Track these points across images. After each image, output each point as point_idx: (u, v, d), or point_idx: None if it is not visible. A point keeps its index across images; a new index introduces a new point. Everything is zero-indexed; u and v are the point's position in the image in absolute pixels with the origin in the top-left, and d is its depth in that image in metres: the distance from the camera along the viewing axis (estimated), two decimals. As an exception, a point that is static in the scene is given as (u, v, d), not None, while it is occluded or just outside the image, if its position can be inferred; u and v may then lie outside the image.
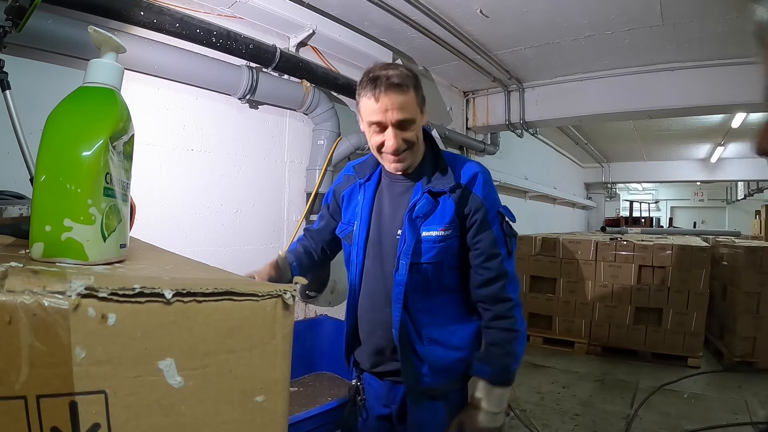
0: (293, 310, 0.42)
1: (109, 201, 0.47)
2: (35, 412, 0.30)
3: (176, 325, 0.36)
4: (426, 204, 1.10)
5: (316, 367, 2.35)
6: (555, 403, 3.10)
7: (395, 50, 2.92)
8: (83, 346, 0.32)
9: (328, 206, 1.34)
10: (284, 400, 0.42)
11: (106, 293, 0.32)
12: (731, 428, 2.74)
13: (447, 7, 2.43)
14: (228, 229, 2.16)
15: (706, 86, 3.10)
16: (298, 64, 2.20)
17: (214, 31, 1.82)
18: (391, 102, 1.02)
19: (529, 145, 5.74)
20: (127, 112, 0.50)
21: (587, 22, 2.59)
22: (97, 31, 0.49)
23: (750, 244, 4.32)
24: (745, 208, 12.27)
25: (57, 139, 0.44)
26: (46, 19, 1.42)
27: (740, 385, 3.47)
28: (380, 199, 1.19)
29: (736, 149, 7.42)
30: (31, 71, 1.51)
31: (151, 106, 1.86)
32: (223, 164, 2.13)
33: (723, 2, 2.30)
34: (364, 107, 1.06)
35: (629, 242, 4.41)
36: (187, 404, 0.36)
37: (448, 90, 3.80)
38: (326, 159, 2.37)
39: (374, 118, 1.04)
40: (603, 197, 11.12)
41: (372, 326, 1.18)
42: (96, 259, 0.45)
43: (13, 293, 0.30)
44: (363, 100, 1.05)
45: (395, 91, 1.01)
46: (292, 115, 2.42)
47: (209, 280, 0.40)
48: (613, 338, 4.27)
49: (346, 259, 1.27)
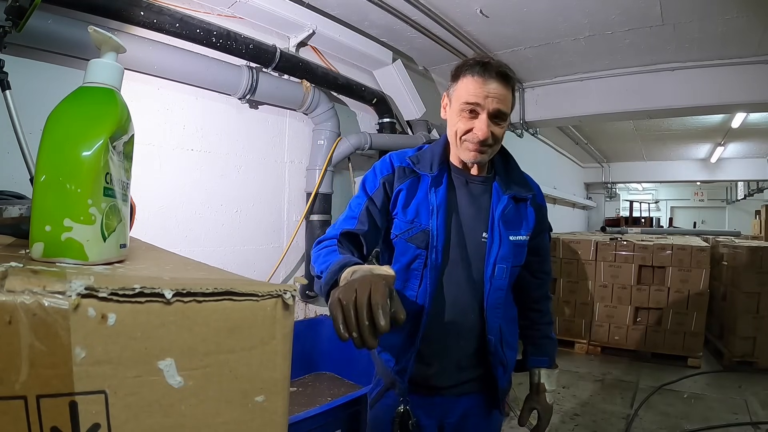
0: (293, 310, 0.42)
1: (109, 201, 0.47)
2: (35, 412, 0.30)
3: (176, 325, 0.36)
4: (513, 209, 1.10)
5: (316, 367, 2.36)
6: (555, 403, 3.08)
7: (395, 50, 2.92)
8: (83, 346, 0.32)
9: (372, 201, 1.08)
10: (284, 400, 0.42)
11: (106, 293, 0.32)
12: (731, 428, 2.74)
13: (447, 7, 2.43)
14: (228, 229, 2.16)
15: (707, 86, 3.10)
16: (298, 64, 2.20)
17: (214, 31, 1.82)
18: (496, 90, 0.99)
19: (529, 145, 5.74)
20: (127, 112, 0.50)
21: (587, 22, 2.59)
22: (97, 31, 0.49)
23: (750, 244, 4.32)
24: (745, 208, 12.27)
25: (57, 139, 0.44)
26: (46, 19, 1.42)
27: (740, 385, 3.47)
28: (454, 198, 1.10)
29: (736, 149, 7.42)
30: (31, 71, 1.51)
31: (151, 106, 1.86)
32: (223, 164, 2.13)
33: (723, 2, 2.30)
34: (464, 87, 1.01)
35: (629, 242, 4.41)
36: (187, 404, 0.36)
37: (448, 90, 3.80)
38: (326, 159, 2.37)
39: (473, 99, 0.99)
40: (603, 197, 11.13)
41: (456, 337, 1.09)
42: (96, 259, 0.45)
43: (13, 293, 0.30)
44: (464, 79, 1.01)
45: (502, 82, 0.99)
46: (292, 115, 2.42)
47: (209, 280, 0.40)
48: (613, 338, 4.27)
49: (405, 263, 1.09)
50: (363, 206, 1.07)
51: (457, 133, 1.04)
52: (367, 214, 1.06)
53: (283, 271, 2.41)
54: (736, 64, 2.97)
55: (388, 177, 1.09)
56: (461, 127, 1.02)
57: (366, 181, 1.12)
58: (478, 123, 1.01)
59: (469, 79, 1.00)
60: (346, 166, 2.60)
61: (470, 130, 1.02)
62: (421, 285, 1.07)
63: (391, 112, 2.79)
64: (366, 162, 2.88)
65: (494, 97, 0.99)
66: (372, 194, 1.08)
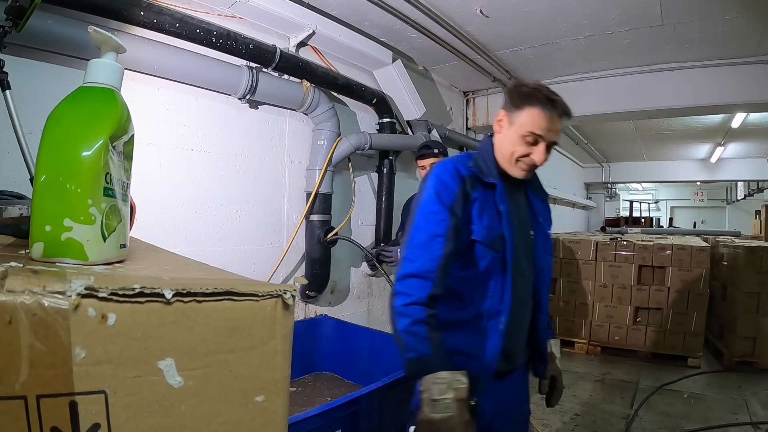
0: (293, 310, 0.42)
1: (109, 201, 0.47)
2: (35, 412, 0.30)
3: (176, 325, 0.36)
4: (543, 207, 1.32)
5: (316, 367, 2.35)
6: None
7: (395, 50, 2.92)
8: (83, 346, 0.32)
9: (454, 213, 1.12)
10: (284, 400, 0.42)
11: (106, 293, 0.32)
12: (731, 428, 2.74)
13: (447, 7, 2.43)
14: (228, 229, 2.16)
15: (707, 86, 3.10)
16: (298, 64, 2.20)
17: (214, 31, 1.82)
18: (557, 126, 1.14)
19: (529, 145, 5.74)
20: (127, 112, 0.50)
21: (587, 22, 2.59)
22: (97, 31, 0.49)
23: (750, 244, 4.32)
24: (745, 208, 12.26)
25: (57, 139, 0.44)
26: (46, 19, 1.42)
27: (740, 385, 3.47)
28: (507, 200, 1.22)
29: (736, 149, 7.42)
30: (31, 71, 1.51)
31: (151, 106, 1.86)
32: (223, 164, 2.13)
33: (723, 2, 2.30)
34: (531, 118, 1.12)
35: (629, 242, 4.41)
36: (187, 404, 0.36)
37: (448, 90, 3.81)
38: (326, 159, 2.37)
39: (538, 131, 1.12)
40: (603, 197, 11.12)
41: (522, 327, 1.24)
42: (96, 259, 0.45)
43: (13, 293, 0.30)
44: (532, 110, 1.12)
45: (562, 119, 1.14)
46: (292, 115, 2.42)
47: (209, 280, 0.40)
48: (613, 338, 4.27)
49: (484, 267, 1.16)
50: (448, 221, 1.11)
51: (513, 154, 1.16)
52: (454, 230, 1.12)
53: (283, 271, 2.41)
54: (736, 64, 2.97)
55: (461, 186, 1.15)
56: (520, 150, 1.15)
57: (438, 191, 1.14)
58: (537, 150, 1.14)
59: (538, 112, 1.11)
60: (346, 166, 2.60)
61: (528, 155, 1.15)
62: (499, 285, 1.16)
63: (391, 112, 2.78)
64: (366, 162, 2.88)
65: (555, 131, 1.14)
66: (451, 205, 1.13)
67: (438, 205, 1.12)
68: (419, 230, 1.13)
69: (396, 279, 1.11)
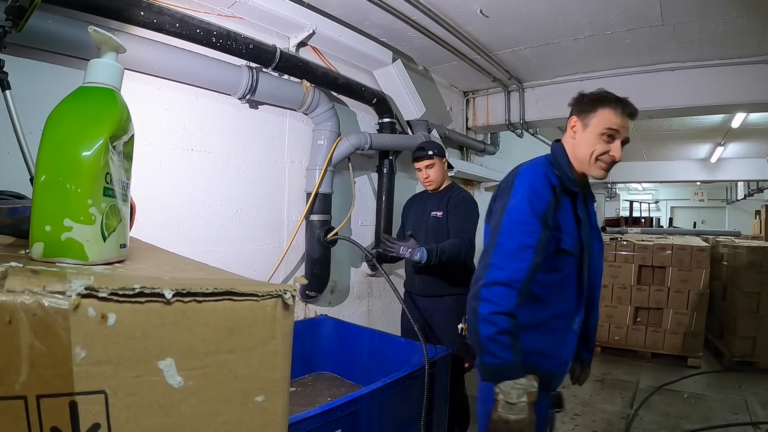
0: (293, 310, 0.42)
1: (109, 201, 0.47)
2: (35, 412, 0.30)
3: (176, 325, 0.36)
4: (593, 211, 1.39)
5: (316, 367, 2.35)
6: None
7: (395, 50, 2.92)
8: (83, 346, 0.32)
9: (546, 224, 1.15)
10: (284, 400, 0.42)
11: (106, 293, 0.32)
12: (731, 428, 2.74)
13: (447, 7, 2.43)
14: (228, 229, 2.16)
15: (707, 86, 3.10)
16: (298, 64, 2.20)
17: (214, 31, 1.82)
18: (627, 124, 1.23)
19: (529, 145, 5.74)
20: (127, 112, 0.50)
21: (587, 22, 2.59)
22: (97, 31, 0.49)
23: (750, 244, 4.32)
24: (745, 208, 12.25)
25: (57, 139, 0.44)
26: (46, 19, 1.42)
27: (740, 385, 3.47)
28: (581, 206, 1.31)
29: (736, 149, 7.41)
30: (31, 71, 1.51)
31: (151, 106, 1.86)
32: (223, 164, 2.13)
33: (723, 2, 2.30)
34: (606, 117, 1.22)
35: (629, 242, 4.41)
36: (187, 404, 0.36)
37: (448, 90, 3.81)
38: (326, 159, 2.37)
39: (614, 126, 1.21)
40: (603, 197, 11.12)
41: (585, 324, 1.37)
42: (96, 259, 0.45)
43: (13, 293, 0.30)
44: (605, 110, 1.22)
45: (631, 118, 1.24)
46: (292, 115, 2.42)
47: (209, 280, 0.40)
48: (613, 338, 4.27)
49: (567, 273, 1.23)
50: (540, 233, 1.14)
51: (593, 153, 1.23)
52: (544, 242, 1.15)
53: (283, 271, 2.41)
54: (736, 64, 2.96)
55: (553, 195, 1.19)
56: (600, 149, 1.22)
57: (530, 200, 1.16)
58: (614, 147, 1.22)
59: (611, 111, 1.22)
60: (346, 166, 2.60)
61: (607, 152, 1.22)
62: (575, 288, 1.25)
63: (391, 112, 2.78)
64: (366, 162, 2.88)
65: (626, 129, 1.23)
66: (543, 216, 1.15)
67: (530, 215, 1.14)
68: (509, 238, 1.13)
69: (482, 284, 1.12)
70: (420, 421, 1.69)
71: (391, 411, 1.63)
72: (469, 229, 2.15)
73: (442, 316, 2.23)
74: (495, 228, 1.17)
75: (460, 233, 2.13)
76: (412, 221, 2.40)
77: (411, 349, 2.00)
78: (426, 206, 2.33)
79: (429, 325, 2.27)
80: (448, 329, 2.19)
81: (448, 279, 2.21)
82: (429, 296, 2.28)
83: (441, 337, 2.18)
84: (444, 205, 2.25)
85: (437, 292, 2.24)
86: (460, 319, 2.20)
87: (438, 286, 2.23)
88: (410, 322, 1.91)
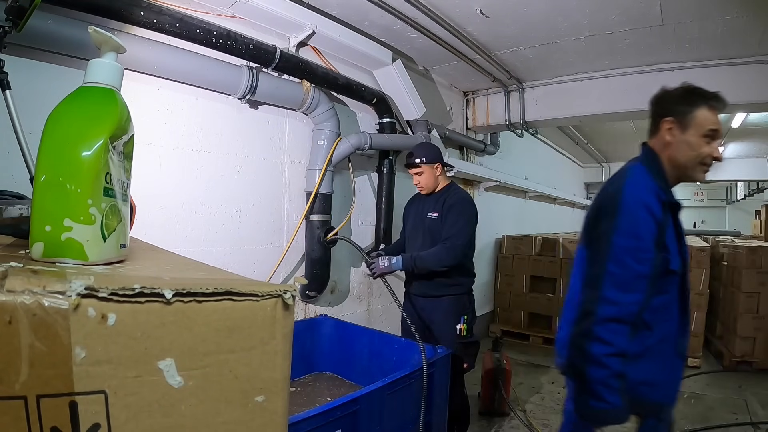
0: (293, 310, 0.42)
1: (109, 201, 0.47)
2: (35, 412, 0.30)
3: (176, 325, 0.36)
4: None
5: (316, 367, 2.35)
6: (555, 403, 3.09)
7: (395, 50, 2.92)
8: (83, 346, 0.32)
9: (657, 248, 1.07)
10: (284, 400, 0.42)
11: (106, 293, 0.32)
12: (731, 428, 2.74)
13: (447, 7, 2.43)
14: (228, 229, 2.16)
15: (707, 86, 3.07)
16: (298, 64, 2.20)
17: (214, 31, 1.82)
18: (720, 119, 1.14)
19: (529, 145, 5.74)
20: (127, 112, 0.50)
21: (587, 22, 2.59)
22: (97, 31, 0.49)
23: (750, 244, 4.32)
24: (745, 208, 12.26)
25: (57, 139, 0.44)
26: (46, 19, 1.42)
27: (740, 385, 3.47)
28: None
29: (736, 149, 7.42)
30: (31, 71, 1.51)
31: (151, 106, 1.86)
32: (223, 164, 2.13)
33: (723, 2, 2.30)
34: (708, 116, 1.15)
35: (629, 242, 4.40)
36: (187, 404, 0.36)
37: (448, 90, 3.81)
38: (326, 159, 2.37)
39: (716, 126, 1.15)
40: (603, 197, 11.09)
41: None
42: (96, 259, 0.45)
43: (13, 293, 0.30)
44: (704, 109, 1.15)
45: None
46: (292, 115, 2.42)
47: (209, 280, 0.40)
48: (613, 338, 4.26)
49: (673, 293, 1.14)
50: (653, 260, 1.05)
51: (699, 156, 1.15)
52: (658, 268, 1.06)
53: (283, 271, 2.41)
54: (736, 64, 2.96)
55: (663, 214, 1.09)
56: (707, 150, 1.15)
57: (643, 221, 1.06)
58: (716, 147, 1.16)
59: (710, 110, 1.16)
60: (346, 166, 2.60)
61: (710, 153, 1.15)
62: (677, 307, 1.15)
63: (391, 112, 2.78)
64: (366, 162, 2.88)
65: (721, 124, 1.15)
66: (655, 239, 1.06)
67: (642, 239, 1.04)
68: (621, 267, 1.03)
69: (594, 320, 1.02)
70: (420, 421, 1.69)
71: (391, 411, 1.63)
72: (458, 234, 2.14)
73: (440, 316, 2.23)
74: (602, 254, 1.06)
75: (447, 238, 2.14)
76: (411, 222, 2.40)
77: (411, 349, 2.00)
78: (424, 207, 2.34)
79: (427, 326, 2.27)
80: (447, 329, 2.19)
81: (446, 280, 2.21)
82: (427, 296, 2.28)
83: (439, 337, 2.18)
84: (440, 207, 2.25)
85: (435, 293, 2.24)
86: (459, 320, 2.20)
87: (435, 287, 2.23)
88: (408, 323, 1.93)
